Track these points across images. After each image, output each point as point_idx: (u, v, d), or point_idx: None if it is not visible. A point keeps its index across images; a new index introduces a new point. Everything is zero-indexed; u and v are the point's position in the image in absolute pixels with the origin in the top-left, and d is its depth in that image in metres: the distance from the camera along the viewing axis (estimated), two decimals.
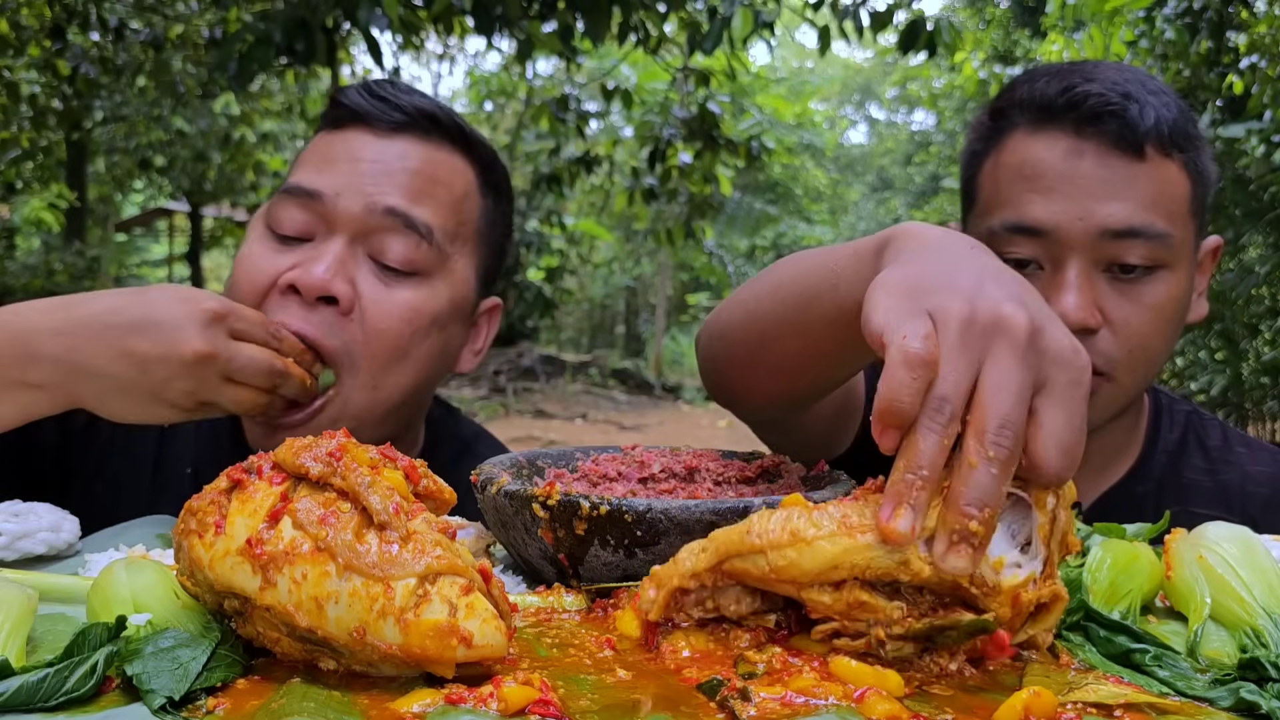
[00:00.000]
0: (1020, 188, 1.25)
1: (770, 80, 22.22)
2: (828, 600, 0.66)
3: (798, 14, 5.51)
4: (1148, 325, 1.24)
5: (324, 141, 1.29)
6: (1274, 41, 6.64)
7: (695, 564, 0.69)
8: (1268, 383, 8.24)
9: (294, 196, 1.23)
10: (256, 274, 1.21)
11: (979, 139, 1.36)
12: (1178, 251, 1.25)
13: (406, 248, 1.21)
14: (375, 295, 1.20)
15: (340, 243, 1.20)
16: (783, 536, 0.66)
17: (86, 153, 13.66)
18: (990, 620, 0.65)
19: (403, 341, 1.22)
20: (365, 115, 1.27)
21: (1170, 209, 1.24)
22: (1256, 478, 1.39)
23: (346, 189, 1.21)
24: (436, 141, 1.28)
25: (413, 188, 1.23)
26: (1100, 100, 1.23)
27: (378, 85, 1.29)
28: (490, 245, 1.36)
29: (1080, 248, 1.22)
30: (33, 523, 0.92)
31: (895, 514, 0.63)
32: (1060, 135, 1.25)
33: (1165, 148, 1.24)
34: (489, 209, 1.35)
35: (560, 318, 22.44)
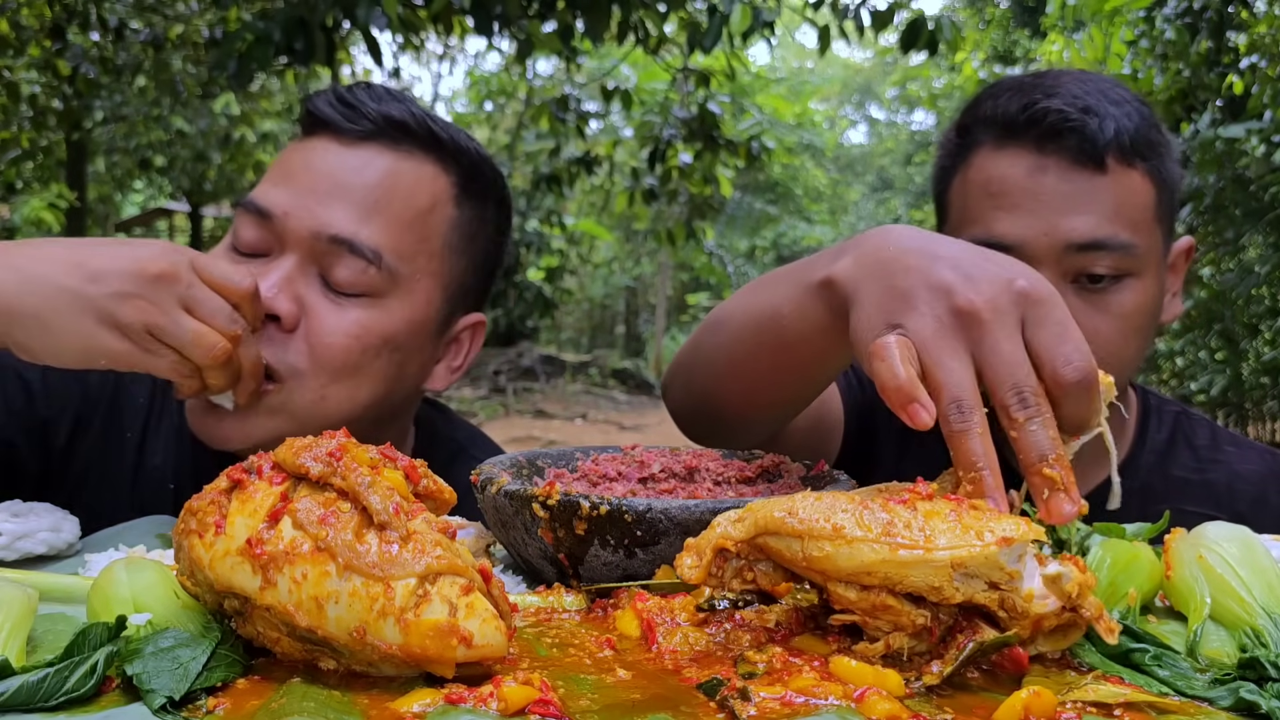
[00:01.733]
0: (986, 205, 1.28)
1: (770, 80, 22.22)
2: (853, 597, 0.66)
3: (798, 14, 5.51)
4: (1117, 335, 1.26)
5: (292, 149, 1.27)
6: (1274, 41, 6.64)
7: (733, 532, 0.69)
8: (1268, 383, 8.24)
9: (249, 213, 1.22)
10: None
11: (947, 155, 1.39)
12: (1144, 260, 1.27)
13: (353, 272, 1.19)
14: (322, 312, 1.19)
15: (291, 261, 1.19)
16: (825, 528, 0.65)
17: (86, 153, 13.65)
18: (1013, 637, 0.65)
19: (351, 358, 1.19)
20: (332, 124, 1.24)
21: (1134, 218, 1.26)
22: (1245, 476, 1.41)
23: (295, 209, 1.19)
24: (405, 150, 1.24)
25: (365, 204, 1.20)
26: (1060, 116, 1.25)
27: (350, 91, 1.26)
28: (468, 257, 1.32)
29: (1047, 261, 1.24)
30: (33, 523, 0.92)
31: (1003, 505, 0.72)
32: (1023, 152, 1.28)
33: (1127, 158, 1.26)
34: (465, 219, 1.30)
35: (560, 318, 22.44)
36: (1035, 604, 0.64)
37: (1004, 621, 0.65)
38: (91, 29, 7.51)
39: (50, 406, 1.27)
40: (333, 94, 1.26)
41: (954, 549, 0.63)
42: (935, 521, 0.65)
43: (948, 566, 0.63)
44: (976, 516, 0.66)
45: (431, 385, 1.34)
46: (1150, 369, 9.99)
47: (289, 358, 1.17)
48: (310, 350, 1.18)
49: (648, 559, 0.81)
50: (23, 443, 1.25)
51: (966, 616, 0.66)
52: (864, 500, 0.67)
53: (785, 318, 0.97)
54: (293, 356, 1.17)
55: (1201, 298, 8.30)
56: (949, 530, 0.64)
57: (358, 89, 1.26)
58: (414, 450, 1.43)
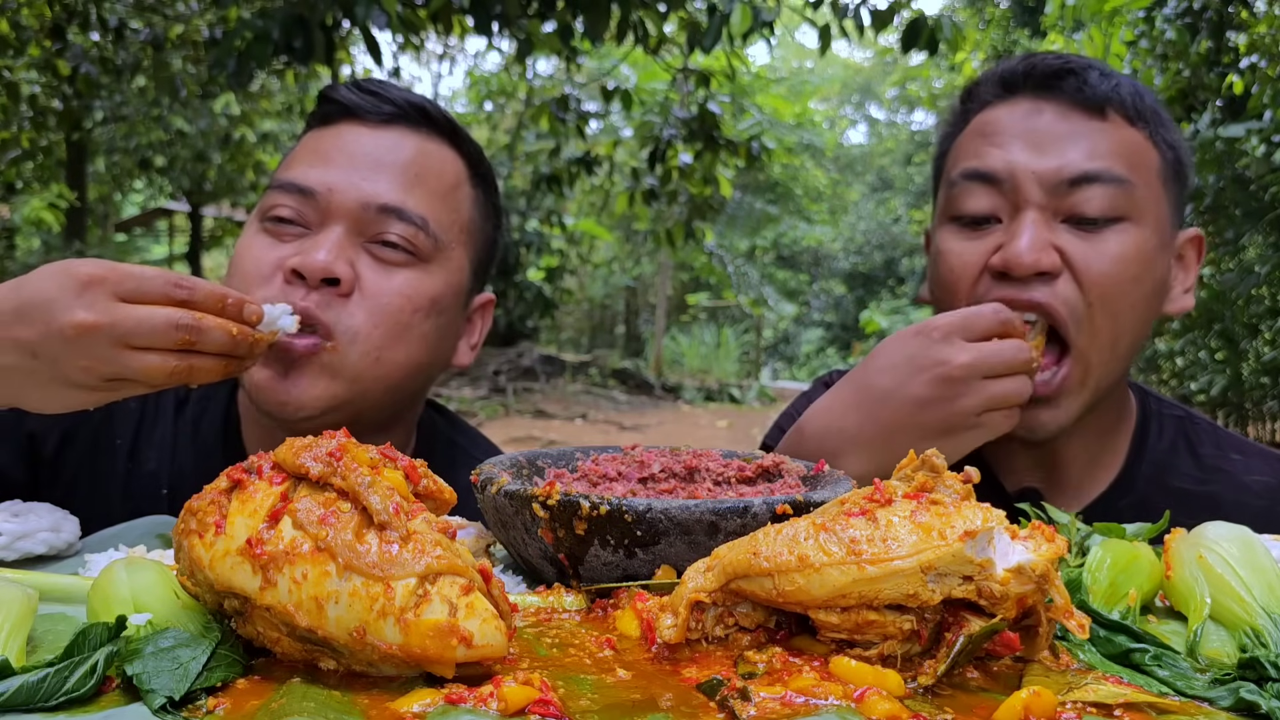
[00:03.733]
0: (980, 143, 1.27)
1: (770, 80, 22.22)
2: (836, 620, 0.66)
3: (798, 13, 5.51)
4: (1112, 273, 1.20)
5: (315, 137, 1.30)
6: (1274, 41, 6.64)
7: (703, 583, 0.69)
8: (1268, 383, 8.24)
9: (288, 193, 1.24)
10: (258, 264, 1.22)
11: (948, 124, 1.38)
12: (1141, 206, 1.22)
13: (403, 235, 1.24)
14: (374, 277, 1.23)
15: (339, 230, 1.22)
16: (790, 561, 0.66)
17: (86, 153, 13.64)
18: (1000, 624, 0.65)
19: (403, 317, 1.23)
20: (356, 109, 1.29)
21: (1132, 162, 1.22)
22: (1251, 487, 1.32)
23: (340, 183, 1.23)
24: (427, 133, 1.31)
25: (405, 178, 1.25)
26: (1060, 62, 1.26)
27: (367, 81, 1.31)
28: (482, 237, 1.38)
29: (1035, 197, 1.21)
30: (33, 523, 0.92)
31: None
32: (1022, 99, 1.28)
33: (1129, 114, 1.25)
34: (480, 200, 1.37)
35: (560, 318, 22.44)
36: (1013, 585, 0.64)
37: (987, 608, 0.65)
38: (91, 29, 7.51)
39: (38, 420, 1.28)
40: (353, 83, 1.31)
41: (920, 553, 0.63)
42: (897, 529, 0.65)
43: (917, 571, 0.63)
44: (937, 514, 0.65)
45: (457, 361, 1.40)
46: (1150, 369, 9.99)
47: (345, 319, 1.20)
48: (367, 311, 1.21)
49: (648, 559, 0.81)
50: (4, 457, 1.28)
51: (951, 611, 0.66)
52: (824, 523, 0.67)
53: None
54: (349, 318, 1.20)
55: (1201, 298, 8.29)
56: (911, 535, 0.64)
57: (374, 79, 1.32)
58: (414, 452, 1.44)
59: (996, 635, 0.66)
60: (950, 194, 1.28)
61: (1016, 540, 0.65)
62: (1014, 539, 0.65)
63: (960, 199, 1.26)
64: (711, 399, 16.70)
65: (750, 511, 0.80)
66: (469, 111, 20.31)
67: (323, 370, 1.20)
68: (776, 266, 27.12)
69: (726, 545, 0.70)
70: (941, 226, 1.31)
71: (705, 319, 24.59)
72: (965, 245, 1.26)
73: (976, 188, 1.24)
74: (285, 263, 1.20)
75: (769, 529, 0.69)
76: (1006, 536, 0.65)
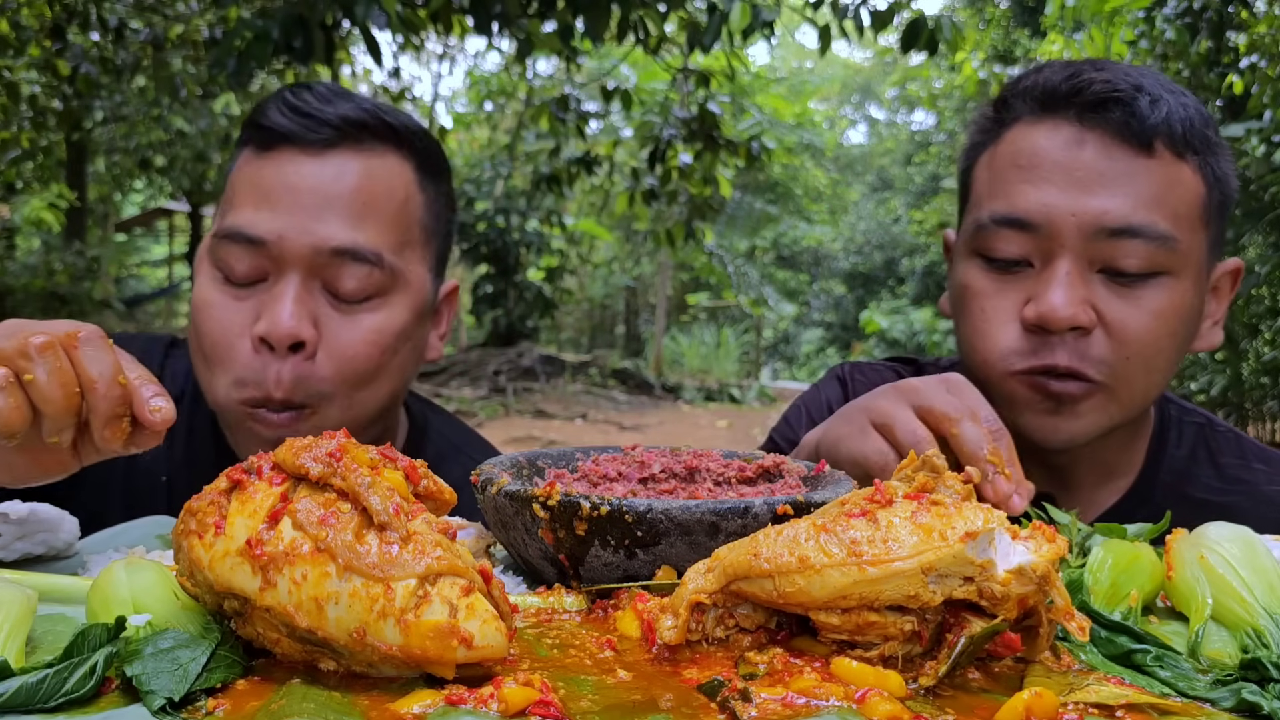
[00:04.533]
0: (1013, 177, 1.18)
1: (770, 80, 22.23)
2: (836, 621, 0.66)
3: (798, 13, 5.51)
4: (1147, 331, 1.14)
5: (255, 169, 1.24)
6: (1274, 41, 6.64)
7: (704, 585, 0.69)
8: (1268, 383, 8.24)
9: (238, 244, 1.21)
10: (223, 329, 1.21)
11: (980, 131, 1.29)
12: (1183, 259, 1.15)
13: (359, 279, 1.21)
14: (337, 329, 1.21)
15: (294, 281, 1.20)
16: (791, 562, 0.66)
17: (86, 153, 13.65)
18: (1001, 624, 0.65)
19: (371, 365, 1.23)
20: (292, 136, 1.23)
21: (1177, 211, 1.14)
22: (1274, 499, 1.26)
23: (289, 229, 1.19)
24: (370, 147, 1.25)
25: (354, 211, 1.21)
26: (1106, 86, 1.15)
27: (298, 97, 1.25)
28: (439, 236, 1.36)
29: (1072, 244, 1.13)
30: (31, 523, 0.92)
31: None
32: (1063, 123, 1.17)
33: (1177, 147, 1.15)
34: (431, 200, 1.33)
35: (560, 318, 22.45)
36: (1014, 586, 0.64)
37: (988, 609, 0.65)
38: (91, 29, 7.51)
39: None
40: (283, 104, 1.24)
41: (920, 554, 0.63)
42: (897, 530, 0.65)
43: (918, 572, 0.63)
44: (938, 514, 0.65)
45: (428, 357, 1.38)
46: None
47: (315, 385, 1.21)
48: (335, 370, 1.21)
49: (648, 559, 0.80)
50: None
51: (953, 612, 0.66)
52: (825, 524, 0.67)
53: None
54: (319, 383, 1.21)
55: None
56: (912, 536, 0.64)
57: (304, 94, 1.25)
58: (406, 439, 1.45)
59: (998, 636, 0.66)
60: (980, 234, 1.20)
61: (1017, 541, 0.65)
62: (1015, 539, 0.65)
63: (991, 242, 1.19)
64: (711, 399, 16.71)
65: (751, 512, 0.80)
66: (469, 111, 20.32)
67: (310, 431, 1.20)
68: (776, 266, 27.13)
69: (727, 546, 0.70)
70: (970, 261, 1.23)
71: (705, 319, 24.60)
72: (995, 289, 1.20)
73: (1010, 233, 1.17)
74: (251, 330, 1.20)
75: (769, 530, 0.69)
76: (1007, 537, 0.65)
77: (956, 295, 1.26)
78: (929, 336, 19.91)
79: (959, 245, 1.28)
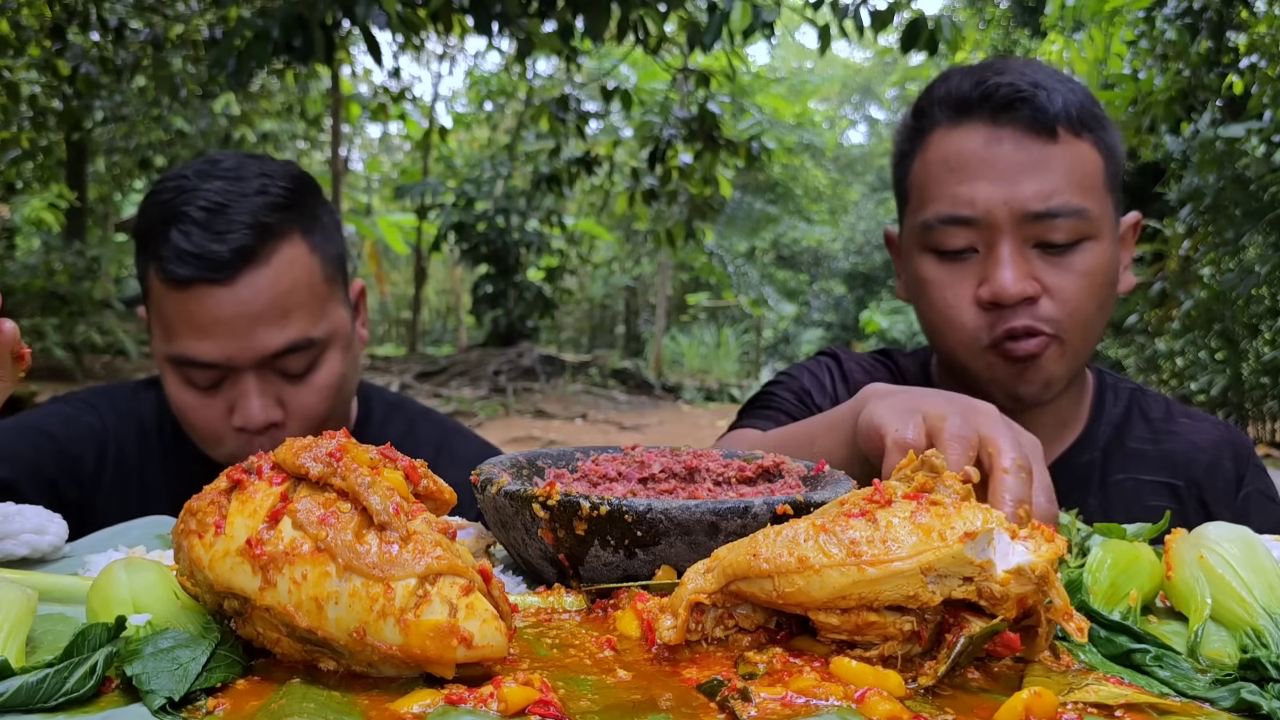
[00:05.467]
0: (947, 179, 1.35)
1: (770, 80, 22.23)
2: (836, 622, 0.66)
3: (798, 13, 5.51)
4: (1082, 290, 1.33)
5: (177, 302, 1.38)
6: (1274, 41, 6.65)
7: (703, 585, 0.69)
8: (1268, 383, 8.25)
9: (195, 367, 1.39)
10: (205, 424, 1.43)
11: (905, 140, 1.45)
12: (1097, 224, 1.34)
13: (301, 359, 1.42)
14: (297, 398, 1.43)
15: (250, 379, 1.40)
16: (790, 562, 0.66)
17: (86, 153, 13.65)
18: (1000, 624, 0.65)
19: (328, 407, 1.46)
20: (200, 279, 1.36)
21: (1085, 185, 1.33)
22: (1200, 444, 1.48)
23: (231, 349, 1.38)
24: (266, 254, 1.39)
25: (277, 315, 1.39)
26: (1012, 89, 1.33)
27: (188, 239, 1.35)
28: (336, 260, 1.50)
29: (1008, 228, 1.31)
30: (16, 524, 0.91)
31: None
32: (978, 125, 1.35)
33: (1075, 128, 1.33)
34: (322, 247, 1.46)
35: (560, 318, 22.45)
36: (1013, 586, 0.64)
37: (988, 609, 0.65)
38: (91, 29, 7.51)
39: (75, 446, 1.50)
40: (178, 251, 1.35)
41: (920, 555, 0.63)
42: (897, 530, 0.65)
43: (918, 573, 0.63)
44: (937, 514, 0.65)
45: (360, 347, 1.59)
46: (1150, 369, 9.99)
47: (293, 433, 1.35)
48: (300, 422, 1.44)
49: (648, 559, 0.81)
50: (61, 478, 1.47)
51: (952, 612, 0.66)
52: (824, 524, 0.67)
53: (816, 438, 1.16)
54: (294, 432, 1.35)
55: (1201, 298, 8.30)
56: (911, 536, 0.64)
57: (192, 231, 1.36)
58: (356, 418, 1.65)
59: (997, 636, 0.66)
60: (929, 233, 1.38)
61: (1016, 541, 0.65)
62: (1014, 539, 0.65)
63: (940, 238, 1.37)
64: (711, 399, 16.70)
65: (750, 512, 0.80)
66: (469, 111, 20.31)
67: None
68: (776, 266, 27.13)
69: (726, 546, 0.70)
70: (922, 255, 1.41)
71: (705, 319, 24.60)
72: (949, 278, 1.38)
73: (954, 229, 1.35)
74: (229, 423, 1.41)
75: (769, 530, 0.69)
76: (1006, 537, 0.65)
77: (914, 286, 1.44)
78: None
79: (908, 242, 1.45)
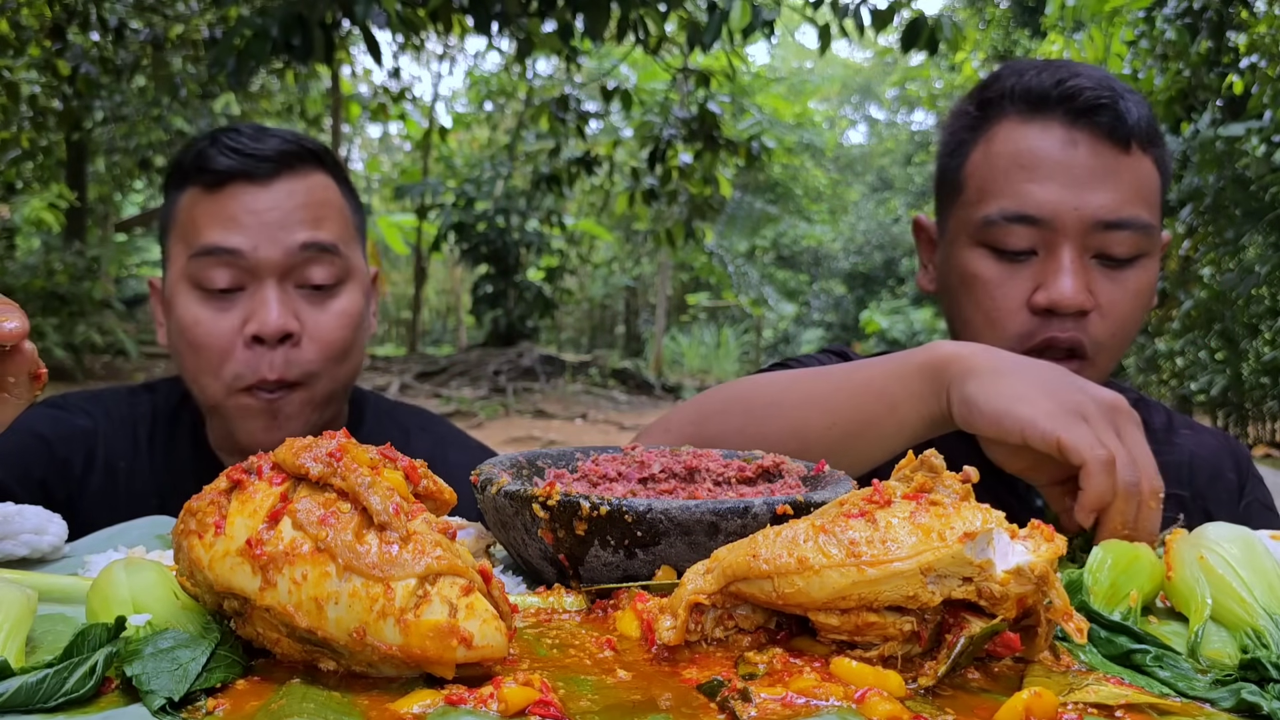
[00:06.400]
0: (1018, 176, 1.31)
1: (770, 80, 22.23)
2: (835, 622, 0.66)
3: (798, 13, 5.51)
4: (1131, 310, 1.32)
5: (210, 202, 1.42)
6: (1274, 41, 6.65)
7: (703, 585, 0.69)
8: (1268, 383, 8.25)
9: (216, 256, 1.39)
10: (215, 337, 1.40)
11: (964, 128, 1.40)
12: (1155, 241, 1.34)
13: (325, 269, 1.43)
14: (314, 318, 1.43)
15: (273, 285, 1.40)
16: (790, 563, 0.66)
17: (86, 153, 13.65)
18: (1000, 624, 0.65)
19: (345, 343, 1.46)
20: (240, 173, 1.41)
21: (1149, 200, 1.32)
22: (1201, 455, 1.48)
23: (260, 239, 1.40)
24: (302, 170, 1.46)
25: (310, 217, 1.43)
26: (1094, 94, 1.30)
27: (234, 140, 1.42)
28: (360, 229, 1.56)
29: (1073, 235, 1.28)
30: (16, 524, 0.91)
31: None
32: (1053, 124, 1.31)
33: (1144, 142, 1.32)
34: (348, 199, 1.53)
35: (560, 318, 22.46)
36: (1013, 586, 0.64)
37: (987, 609, 0.65)
38: (91, 29, 7.51)
39: (64, 448, 1.49)
40: (223, 147, 1.42)
41: (919, 555, 0.63)
42: (896, 530, 0.65)
43: (917, 573, 0.63)
44: (936, 515, 0.65)
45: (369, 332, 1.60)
46: (1150, 369, 9.99)
47: (304, 364, 1.42)
48: (317, 349, 1.42)
49: (648, 559, 0.80)
50: (51, 480, 1.47)
51: (952, 612, 0.66)
52: (823, 525, 0.67)
53: (898, 400, 1.09)
54: (306, 363, 1.42)
55: (1201, 298, 8.30)
56: (911, 536, 0.64)
57: (236, 136, 1.44)
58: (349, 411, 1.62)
59: (997, 636, 0.66)
60: (990, 228, 1.32)
61: (1016, 540, 0.65)
62: (1013, 539, 0.65)
63: (1001, 236, 1.32)
64: None
65: (750, 512, 0.80)
66: (469, 111, 20.31)
67: (302, 406, 1.42)
68: (776, 266, 27.13)
69: (726, 547, 0.70)
70: (973, 250, 1.35)
71: (705, 319, 24.60)
72: (1004, 277, 1.33)
73: (1020, 228, 1.30)
74: (244, 331, 1.39)
75: (768, 531, 0.69)
76: (1006, 537, 0.65)
77: (959, 280, 1.38)
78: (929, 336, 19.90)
79: (955, 234, 1.39)
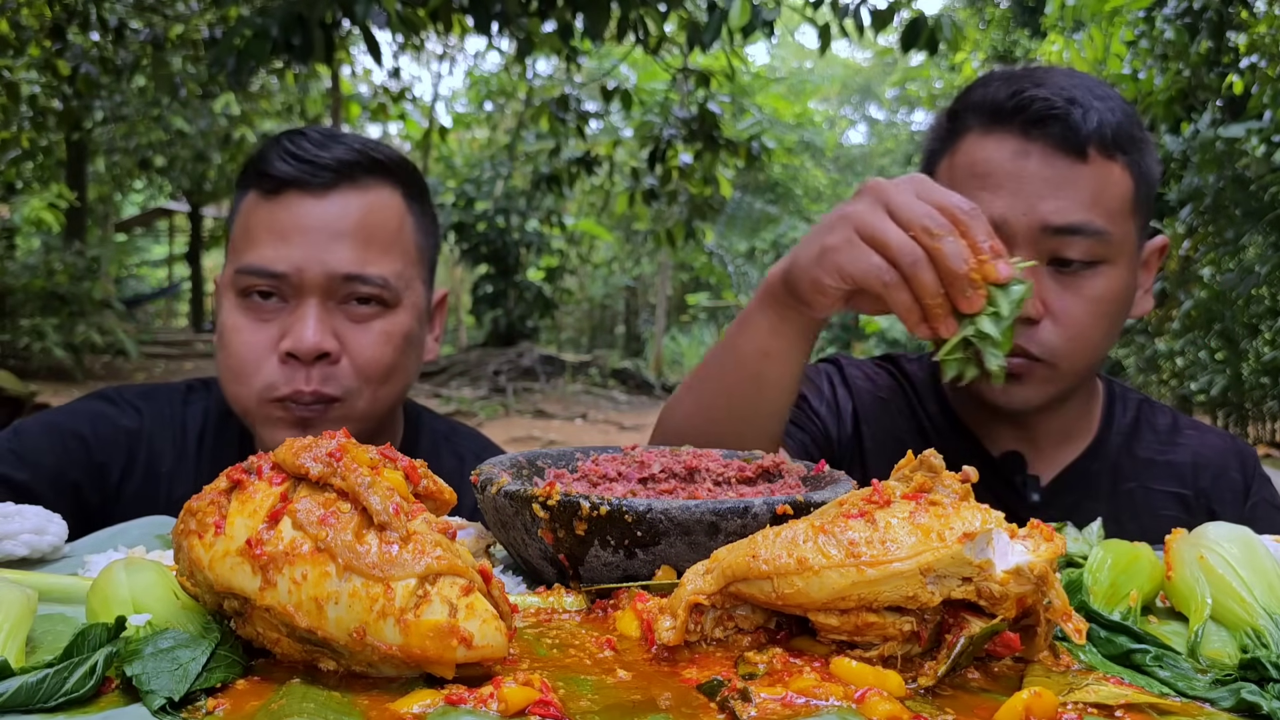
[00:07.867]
0: (972, 185, 1.33)
1: (770, 80, 22.23)
2: (835, 623, 0.66)
3: (798, 13, 5.51)
4: (1087, 316, 1.32)
5: (265, 210, 1.38)
6: (1274, 41, 6.65)
7: (703, 586, 0.69)
8: (1268, 383, 8.25)
9: (260, 276, 1.36)
10: (252, 349, 1.37)
11: (936, 139, 1.45)
12: (1117, 248, 1.33)
13: (370, 294, 1.37)
14: (355, 337, 1.38)
15: (314, 304, 1.35)
16: (790, 563, 0.66)
17: (86, 153, 13.65)
18: (1000, 624, 0.65)
19: (387, 363, 1.40)
20: (297, 181, 1.37)
21: (1110, 208, 1.32)
22: (1206, 455, 1.50)
23: (305, 260, 1.35)
24: (364, 183, 1.40)
25: (359, 241, 1.37)
26: (1045, 104, 1.31)
27: (296, 145, 1.38)
28: (429, 252, 1.51)
29: (1025, 242, 1.30)
30: (16, 524, 0.91)
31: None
32: (1009, 136, 1.33)
33: (1108, 150, 1.32)
34: (419, 221, 1.47)
35: (560, 318, 22.45)
36: (1012, 586, 0.64)
37: (987, 609, 0.65)
38: (91, 29, 7.50)
39: (104, 452, 1.45)
40: (284, 152, 1.38)
41: (919, 556, 0.63)
42: (895, 530, 0.65)
43: (917, 574, 0.63)
44: (936, 515, 0.65)
45: (426, 358, 1.54)
46: (1150, 369, 9.99)
47: (343, 381, 1.37)
48: (356, 370, 1.38)
49: (648, 559, 0.81)
50: (86, 483, 1.43)
51: (951, 612, 0.66)
52: (823, 525, 0.67)
53: (745, 339, 1.25)
54: (346, 380, 1.37)
55: (1201, 298, 8.30)
56: (910, 537, 0.64)
57: (301, 141, 1.39)
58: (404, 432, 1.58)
59: (996, 636, 0.66)
60: None
61: (1015, 540, 0.65)
62: (1013, 539, 0.65)
63: None
64: None
65: (750, 512, 0.80)
66: (469, 111, 20.31)
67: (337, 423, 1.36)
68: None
69: (726, 548, 0.70)
70: None
71: (705, 319, 24.59)
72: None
73: None
74: (279, 346, 1.35)
75: (768, 531, 0.69)
76: (1005, 537, 0.65)
77: None
78: None
79: None
